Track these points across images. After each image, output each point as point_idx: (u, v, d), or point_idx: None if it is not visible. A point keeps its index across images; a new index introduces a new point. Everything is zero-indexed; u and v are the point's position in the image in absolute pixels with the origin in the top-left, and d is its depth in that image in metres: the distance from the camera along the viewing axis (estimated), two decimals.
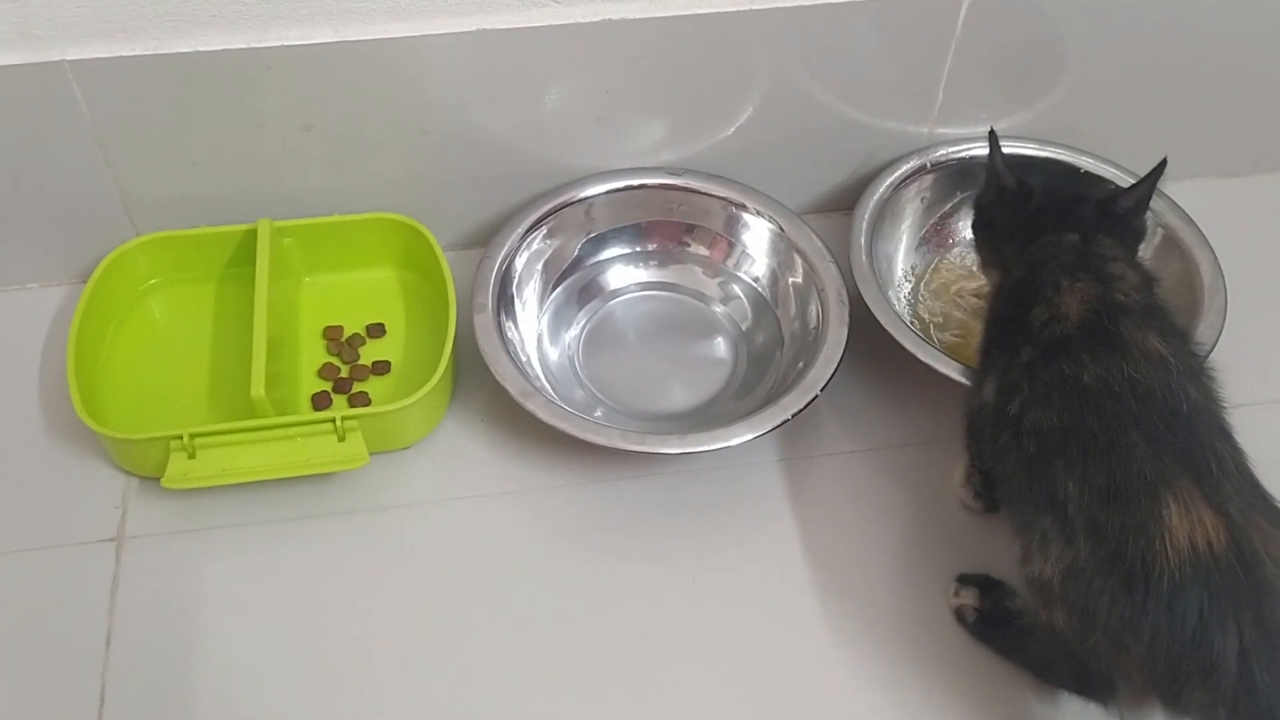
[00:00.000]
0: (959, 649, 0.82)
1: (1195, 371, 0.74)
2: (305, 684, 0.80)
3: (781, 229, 0.99)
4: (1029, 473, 0.73)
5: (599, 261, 1.01)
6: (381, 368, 0.95)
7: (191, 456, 0.84)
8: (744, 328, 0.99)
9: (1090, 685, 0.76)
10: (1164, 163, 0.82)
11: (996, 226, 0.87)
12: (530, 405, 0.85)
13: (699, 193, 1.00)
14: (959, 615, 0.82)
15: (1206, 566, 0.64)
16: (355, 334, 0.97)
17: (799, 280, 0.97)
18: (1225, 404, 0.75)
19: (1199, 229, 0.97)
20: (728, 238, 1.01)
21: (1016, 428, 0.74)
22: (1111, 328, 0.74)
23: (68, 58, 0.85)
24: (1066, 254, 0.80)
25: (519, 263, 0.97)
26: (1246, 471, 0.70)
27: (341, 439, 0.86)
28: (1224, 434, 0.72)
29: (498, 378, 0.87)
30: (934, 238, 1.04)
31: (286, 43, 0.87)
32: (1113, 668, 0.71)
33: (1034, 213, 0.85)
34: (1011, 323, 0.79)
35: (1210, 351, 0.88)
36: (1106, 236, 0.82)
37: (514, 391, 0.86)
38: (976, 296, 1.00)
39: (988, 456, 0.80)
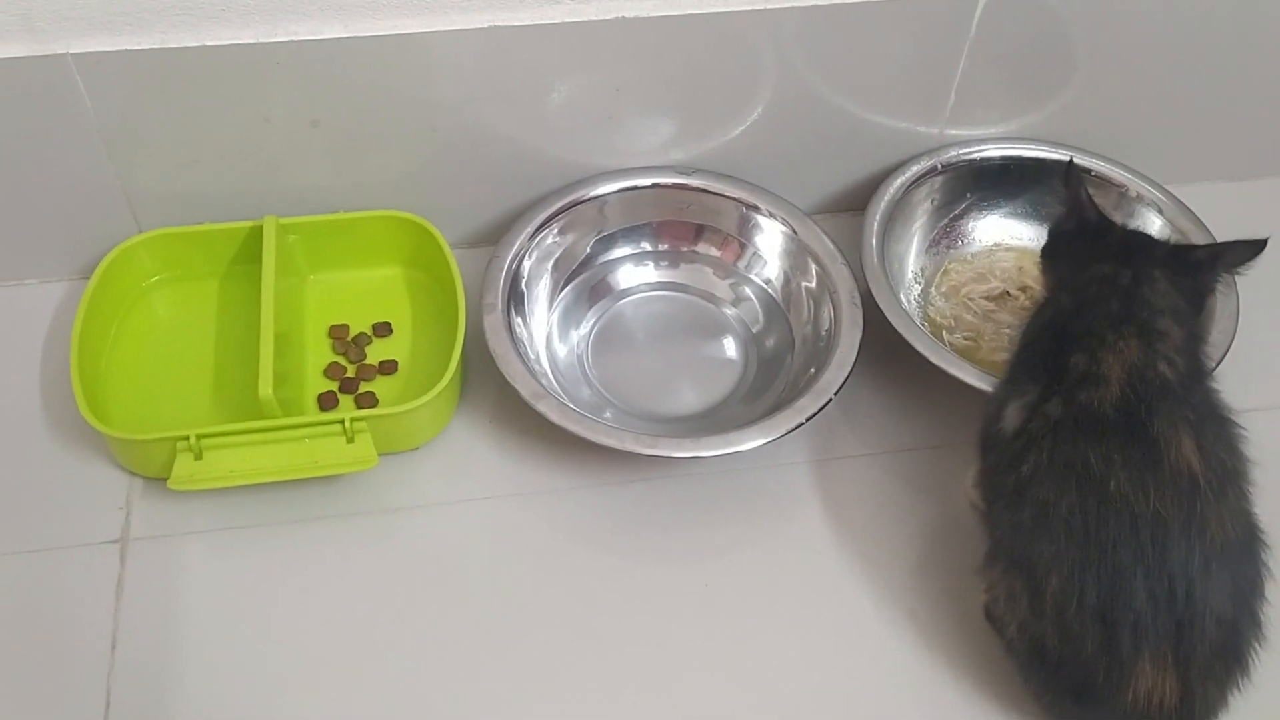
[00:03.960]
0: (972, 651, 0.81)
1: (1225, 480, 0.72)
2: (313, 686, 0.79)
3: (794, 231, 0.98)
4: (1016, 534, 0.74)
5: (609, 260, 1.01)
6: (388, 367, 0.94)
7: (198, 458, 0.83)
8: (755, 330, 0.99)
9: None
10: (1263, 242, 0.80)
11: (1071, 256, 0.85)
12: (542, 407, 0.85)
13: (712, 193, 0.99)
14: (988, 612, 0.82)
15: (1151, 719, 0.70)
16: (361, 333, 0.96)
17: (812, 285, 0.96)
18: (1250, 497, 0.74)
19: (1210, 233, 0.97)
20: (740, 239, 1.00)
21: (1021, 488, 0.73)
22: (1148, 422, 0.71)
23: (71, 51, 0.84)
24: (1116, 299, 0.78)
25: (529, 261, 0.96)
26: (1234, 620, 0.71)
27: (350, 440, 0.85)
28: (1227, 568, 0.71)
29: (508, 379, 0.86)
30: (944, 239, 1.03)
31: (295, 38, 0.86)
32: None
33: (1108, 246, 0.83)
34: (1048, 355, 0.77)
35: (1224, 357, 0.88)
36: (1162, 277, 0.79)
37: (525, 393, 0.85)
38: (987, 299, 1.00)
39: (987, 478, 0.80)
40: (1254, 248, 0.80)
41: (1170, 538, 0.69)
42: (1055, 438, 0.73)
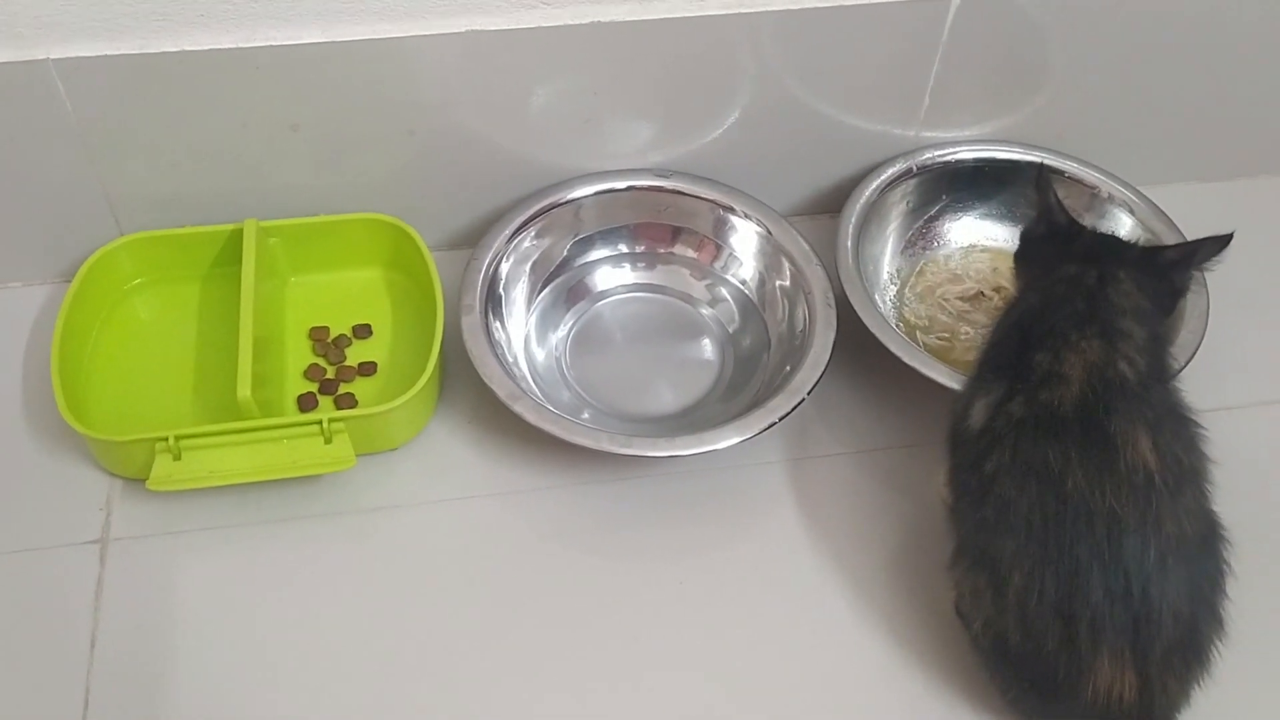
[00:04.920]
0: (944, 647, 0.82)
1: (1181, 478, 0.72)
2: (292, 686, 0.79)
3: (769, 232, 0.99)
4: (980, 531, 0.75)
5: (587, 263, 1.01)
6: (368, 369, 0.95)
7: (177, 458, 0.84)
8: (731, 330, 0.99)
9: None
10: (1229, 236, 0.81)
11: (1040, 259, 0.86)
12: (518, 408, 0.85)
13: (688, 195, 1.00)
14: (957, 608, 0.82)
15: (1112, 713, 0.71)
16: (341, 335, 0.97)
17: (786, 284, 0.97)
18: (1210, 495, 0.75)
19: (1181, 233, 0.98)
20: (715, 240, 1.01)
21: (985, 487, 0.74)
22: (1105, 421, 0.72)
23: (52, 56, 0.84)
24: (1081, 299, 0.79)
25: (506, 263, 0.97)
26: (1192, 616, 0.71)
27: (328, 441, 0.85)
28: (1185, 565, 0.71)
29: (485, 380, 0.87)
30: (919, 241, 1.04)
31: (274, 43, 0.86)
32: None
33: (1079, 249, 0.84)
34: (1014, 354, 0.78)
35: (1193, 356, 0.89)
36: (1127, 278, 0.80)
37: (502, 394, 0.86)
38: (961, 299, 1.01)
39: (954, 476, 0.81)
40: (1221, 242, 0.82)
41: (1125, 534, 0.70)
42: (1017, 436, 0.74)
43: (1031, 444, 0.73)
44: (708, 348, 0.99)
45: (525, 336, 0.97)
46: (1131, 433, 0.72)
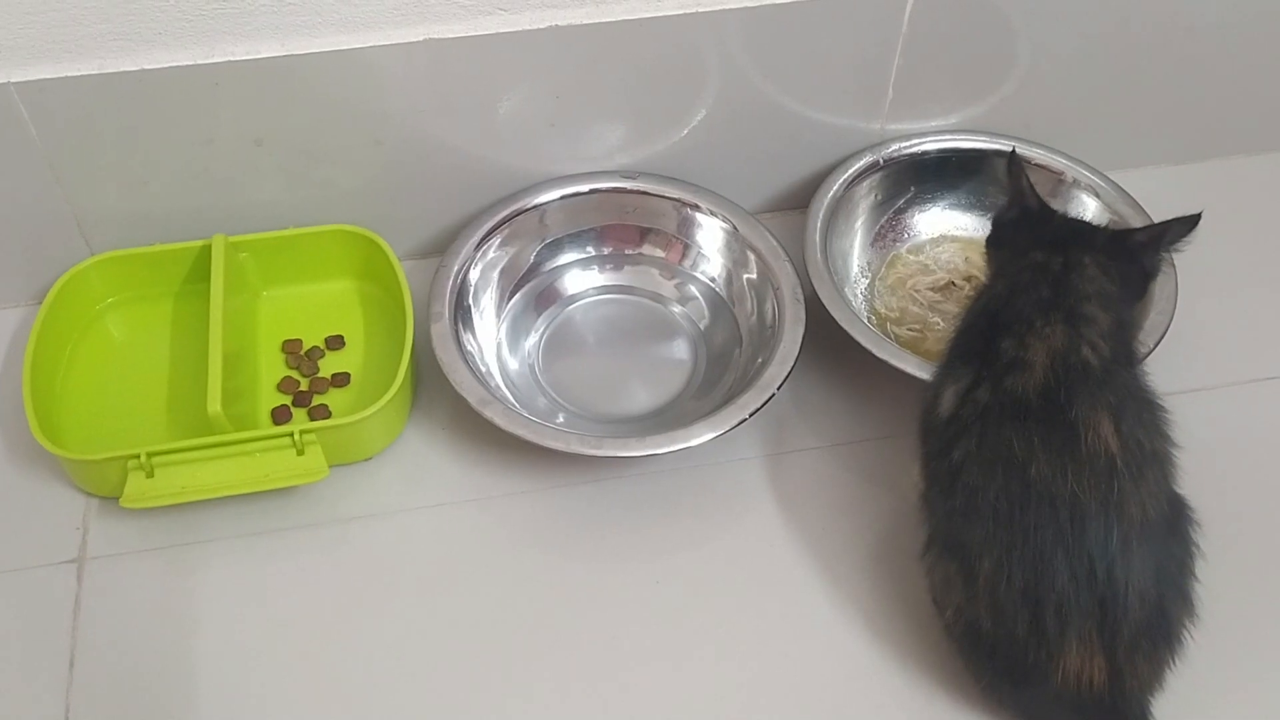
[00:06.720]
0: (922, 637, 0.82)
1: (1144, 462, 0.72)
2: (273, 699, 0.79)
3: (735, 228, 0.99)
4: (950, 519, 0.75)
5: (556, 267, 1.02)
6: (341, 380, 0.95)
7: (149, 475, 0.84)
8: (702, 327, 1.00)
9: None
10: (1197, 216, 0.81)
11: (1013, 244, 0.86)
12: (489, 413, 0.86)
13: (653, 195, 1.00)
14: (933, 597, 0.82)
15: (1084, 698, 0.71)
16: (314, 347, 0.97)
17: (754, 277, 0.98)
18: (1175, 478, 0.75)
19: (1149, 216, 0.98)
20: (682, 239, 1.01)
21: (954, 474, 0.75)
22: (1067, 407, 0.72)
23: (13, 80, 0.85)
24: (1046, 286, 0.79)
25: (475, 271, 0.97)
26: (1159, 598, 0.71)
27: (300, 452, 0.86)
28: (1150, 547, 0.71)
29: (456, 386, 0.87)
30: (888, 233, 1.04)
31: (233, 58, 0.87)
32: None
33: (1049, 235, 0.84)
34: (981, 341, 0.78)
35: (1161, 339, 0.89)
36: (1093, 263, 0.80)
37: (472, 400, 0.86)
38: (932, 290, 1.01)
39: (926, 465, 0.81)
40: (1189, 223, 0.82)
41: (1088, 518, 0.70)
42: (984, 423, 0.74)
43: (997, 431, 0.73)
44: (680, 346, 0.99)
45: (497, 344, 0.97)
46: (1093, 417, 0.72)
